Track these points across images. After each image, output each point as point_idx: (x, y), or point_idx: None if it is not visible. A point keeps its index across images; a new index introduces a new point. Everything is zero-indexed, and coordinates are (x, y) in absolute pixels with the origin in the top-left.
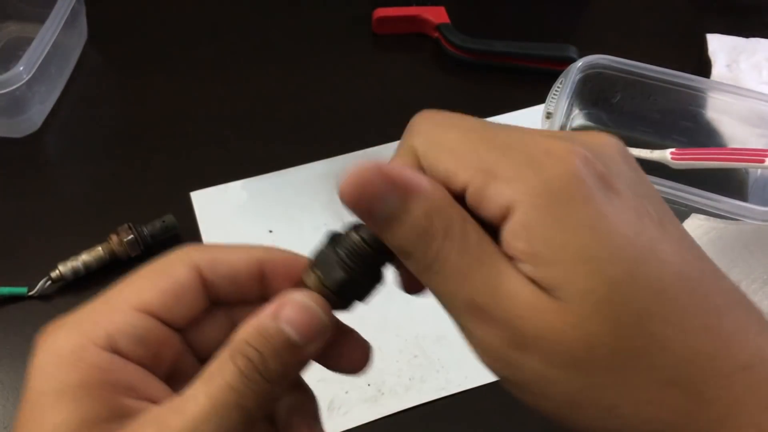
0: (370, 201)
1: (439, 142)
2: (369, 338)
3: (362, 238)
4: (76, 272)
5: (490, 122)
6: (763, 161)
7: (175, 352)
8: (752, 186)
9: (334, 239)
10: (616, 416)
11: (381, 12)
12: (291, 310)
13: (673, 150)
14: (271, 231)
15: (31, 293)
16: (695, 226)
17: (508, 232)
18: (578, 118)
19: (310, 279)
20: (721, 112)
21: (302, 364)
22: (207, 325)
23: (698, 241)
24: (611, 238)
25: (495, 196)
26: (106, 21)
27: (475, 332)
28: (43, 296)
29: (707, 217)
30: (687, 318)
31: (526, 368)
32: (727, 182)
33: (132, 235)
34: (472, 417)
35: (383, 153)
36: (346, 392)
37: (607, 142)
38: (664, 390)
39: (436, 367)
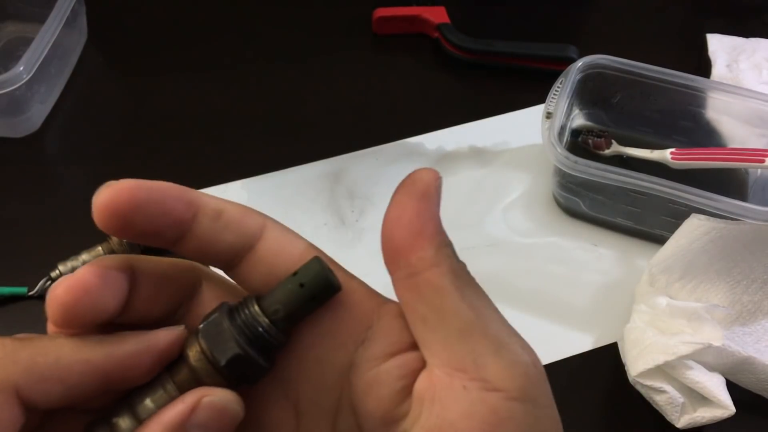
0: None
1: None
2: None
3: (265, 313)
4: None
5: None
6: (763, 161)
7: None
8: (752, 186)
9: (230, 311)
10: None
11: (381, 12)
12: (205, 414)
13: (673, 150)
14: None
15: (31, 293)
16: (695, 226)
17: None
18: (578, 118)
19: (194, 353)
20: (721, 112)
21: None
22: None
23: (698, 242)
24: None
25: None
26: (106, 21)
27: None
28: (43, 296)
29: (707, 217)
30: None
31: None
32: (727, 182)
33: None
34: None
35: (383, 152)
36: None
37: None
38: None
39: None
